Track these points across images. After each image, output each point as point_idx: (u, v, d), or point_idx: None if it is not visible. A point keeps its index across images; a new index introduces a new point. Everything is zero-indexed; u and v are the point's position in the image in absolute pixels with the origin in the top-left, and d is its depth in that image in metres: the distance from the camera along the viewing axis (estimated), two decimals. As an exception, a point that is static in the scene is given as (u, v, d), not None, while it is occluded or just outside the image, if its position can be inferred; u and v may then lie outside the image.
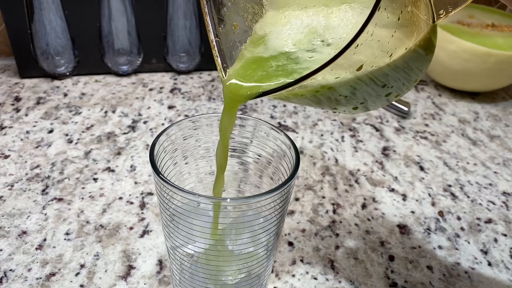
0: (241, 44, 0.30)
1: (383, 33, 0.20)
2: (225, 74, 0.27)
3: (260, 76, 0.25)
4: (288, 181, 0.25)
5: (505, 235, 0.43)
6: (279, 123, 0.58)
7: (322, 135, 0.57)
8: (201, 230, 0.26)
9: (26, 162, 0.48)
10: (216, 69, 0.70)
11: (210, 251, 0.28)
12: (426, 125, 0.60)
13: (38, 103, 0.59)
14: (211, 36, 0.29)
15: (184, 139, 0.35)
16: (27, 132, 0.53)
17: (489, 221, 0.45)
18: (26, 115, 0.56)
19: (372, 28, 0.19)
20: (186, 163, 0.36)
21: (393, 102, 0.61)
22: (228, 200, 0.25)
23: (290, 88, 0.21)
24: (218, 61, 0.29)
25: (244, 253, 0.28)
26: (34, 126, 0.54)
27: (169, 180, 0.24)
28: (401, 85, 0.25)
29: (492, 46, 0.59)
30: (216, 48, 0.30)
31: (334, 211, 0.45)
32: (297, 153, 0.27)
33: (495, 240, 0.43)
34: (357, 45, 0.19)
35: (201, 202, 0.24)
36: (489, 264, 0.40)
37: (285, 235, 0.42)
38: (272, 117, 0.59)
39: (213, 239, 0.27)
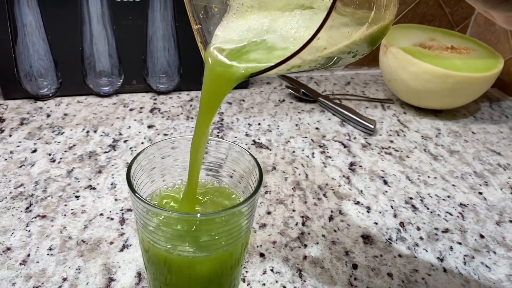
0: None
1: (342, 21, 0.23)
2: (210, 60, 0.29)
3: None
4: (251, 197, 0.28)
5: (460, 243, 0.47)
6: (253, 140, 0.62)
7: (294, 151, 0.60)
8: (175, 243, 0.28)
9: (10, 181, 0.50)
10: (194, 89, 0.73)
11: (183, 258, 0.31)
12: (391, 141, 0.64)
13: (21, 123, 0.61)
14: (194, 25, 0.32)
15: (162, 158, 0.38)
16: (11, 152, 0.55)
17: (446, 230, 0.49)
18: (10, 135, 0.58)
19: (330, 22, 0.22)
20: (164, 181, 0.39)
21: (360, 120, 0.65)
22: (199, 215, 0.28)
23: (266, 73, 0.24)
24: (202, 47, 0.31)
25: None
26: (18, 146, 0.56)
27: (143, 198, 0.27)
28: (366, 48, 0.28)
29: (450, 68, 0.64)
30: (199, 35, 0.32)
31: (303, 224, 0.48)
32: (261, 173, 0.30)
33: (451, 248, 0.47)
34: (318, 38, 0.22)
35: (173, 217, 0.27)
36: (445, 270, 0.44)
37: (257, 247, 0.45)
38: (247, 134, 0.63)
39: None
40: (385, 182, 0.55)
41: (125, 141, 0.59)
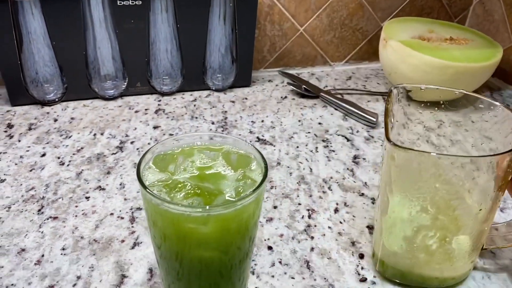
0: None
1: None
2: None
3: None
4: (257, 188, 0.29)
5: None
6: (257, 137, 0.63)
7: (297, 147, 0.61)
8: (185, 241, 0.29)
9: (21, 185, 0.52)
10: (197, 89, 0.74)
11: (194, 257, 0.32)
12: (394, 133, 0.65)
13: (30, 129, 0.62)
14: None
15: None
16: (21, 156, 0.56)
17: (450, 218, 0.49)
18: (19, 140, 0.60)
19: None
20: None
21: (362, 114, 0.66)
22: (207, 207, 0.29)
23: None
24: None
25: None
26: (27, 151, 0.57)
27: (155, 194, 0.28)
28: None
29: (449, 59, 0.64)
30: None
31: (309, 216, 0.49)
32: (266, 168, 0.31)
33: (455, 235, 0.47)
34: None
35: (183, 211, 0.28)
36: (450, 257, 0.45)
37: (265, 240, 0.46)
38: (251, 132, 0.64)
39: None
40: (389, 174, 0.56)
41: (131, 142, 0.60)
